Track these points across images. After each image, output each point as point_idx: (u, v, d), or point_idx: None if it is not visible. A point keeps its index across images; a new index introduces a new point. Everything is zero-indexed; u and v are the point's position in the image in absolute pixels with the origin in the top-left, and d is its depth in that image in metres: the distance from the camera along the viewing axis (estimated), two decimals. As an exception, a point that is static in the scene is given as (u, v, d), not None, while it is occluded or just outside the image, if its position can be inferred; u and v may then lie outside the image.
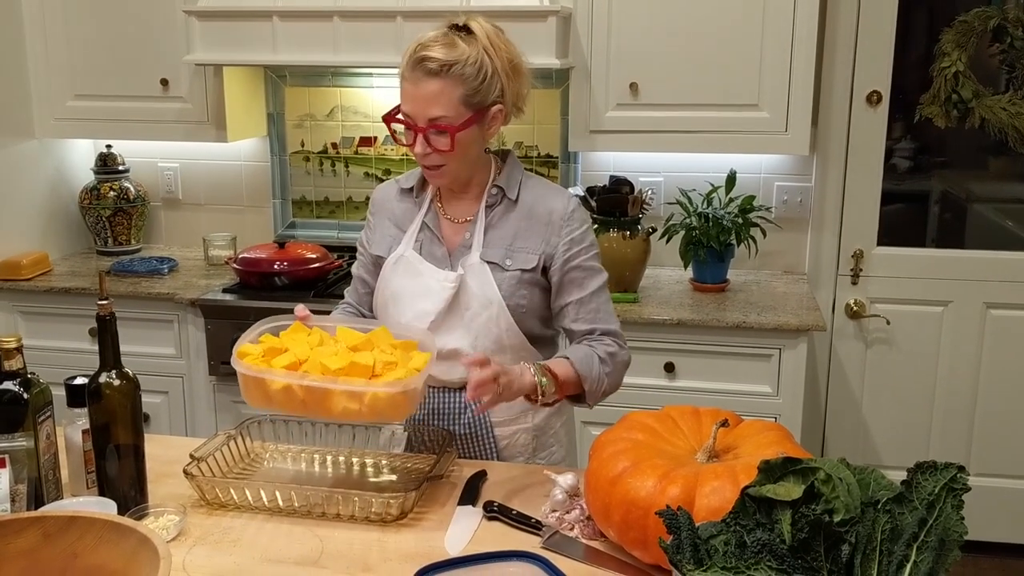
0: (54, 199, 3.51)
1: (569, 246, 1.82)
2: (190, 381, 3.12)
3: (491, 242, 1.84)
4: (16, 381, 1.55)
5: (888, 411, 3.30)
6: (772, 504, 1.14)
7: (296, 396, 1.59)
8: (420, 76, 1.71)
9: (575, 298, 1.84)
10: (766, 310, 2.84)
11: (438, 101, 1.71)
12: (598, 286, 1.85)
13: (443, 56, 1.70)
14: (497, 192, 1.85)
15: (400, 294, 1.87)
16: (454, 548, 1.52)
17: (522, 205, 1.85)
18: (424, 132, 1.74)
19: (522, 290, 1.82)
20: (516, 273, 1.82)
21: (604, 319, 1.85)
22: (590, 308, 1.84)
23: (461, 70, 1.70)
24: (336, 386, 1.57)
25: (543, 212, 1.83)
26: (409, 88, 1.74)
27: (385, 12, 2.89)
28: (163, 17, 3.19)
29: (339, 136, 3.49)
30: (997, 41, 3.10)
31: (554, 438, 1.95)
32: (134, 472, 1.61)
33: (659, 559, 1.38)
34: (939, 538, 1.10)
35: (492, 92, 1.75)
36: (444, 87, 1.71)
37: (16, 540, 1.25)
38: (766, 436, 1.50)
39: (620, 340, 1.87)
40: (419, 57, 1.71)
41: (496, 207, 1.85)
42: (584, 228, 1.85)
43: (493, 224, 1.85)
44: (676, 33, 2.92)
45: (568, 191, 1.91)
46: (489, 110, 1.77)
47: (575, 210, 1.85)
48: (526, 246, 1.83)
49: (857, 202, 3.20)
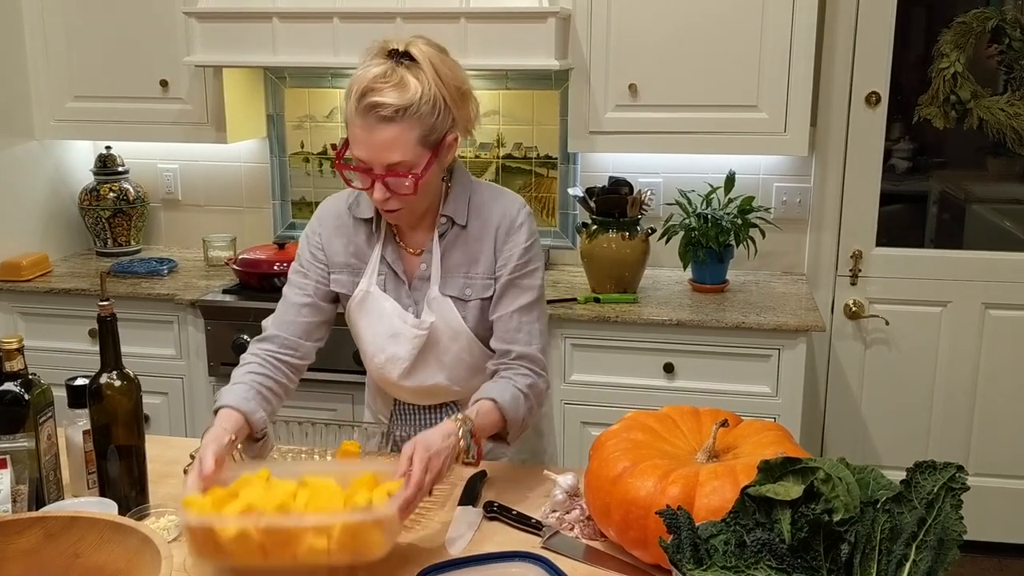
0: (54, 200, 3.51)
1: (505, 261, 1.76)
2: (190, 382, 3.12)
3: (448, 271, 1.78)
4: (17, 382, 1.55)
5: (887, 411, 3.30)
6: (772, 504, 1.14)
7: (252, 541, 1.33)
8: (373, 123, 1.61)
9: (499, 314, 1.77)
10: (765, 311, 2.85)
11: (395, 147, 1.62)
12: (523, 304, 1.76)
13: (396, 101, 1.59)
14: (447, 221, 1.78)
15: (369, 337, 1.82)
16: (455, 549, 1.52)
17: (471, 227, 1.78)
18: (382, 179, 1.65)
19: (485, 318, 1.79)
20: (477, 303, 1.78)
21: (523, 340, 1.75)
22: (509, 327, 1.76)
23: (416, 111, 1.61)
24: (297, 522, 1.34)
25: (490, 229, 1.77)
26: (361, 135, 1.63)
27: (384, 13, 2.89)
28: (163, 18, 3.19)
29: (339, 137, 3.49)
30: (995, 42, 3.11)
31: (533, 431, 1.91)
32: (135, 472, 1.61)
33: (659, 559, 1.38)
34: (938, 537, 1.10)
35: (446, 124, 1.66)
36: (400, 132, 1.61)
37: (18, 540, 1.26)
38: (766, 436, 1.50)
39: (537, 367, 1.76)
40: (370, 104, 1.60)
41: (447, 234, 1.78)
42: (524, 244, 1.77)
43: (447, 252, 1.78)
44: (675, 34, 2.92)
45: (512, 199, 1.81)
46: (444, 141, 1.68)
47: (514, 224, 1.77)
48: (480, 271, 1.77)
49: (856, 203, 3.21)
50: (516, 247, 1.77)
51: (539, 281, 1.80)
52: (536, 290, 1.79)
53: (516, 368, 1.75)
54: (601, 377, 2.84)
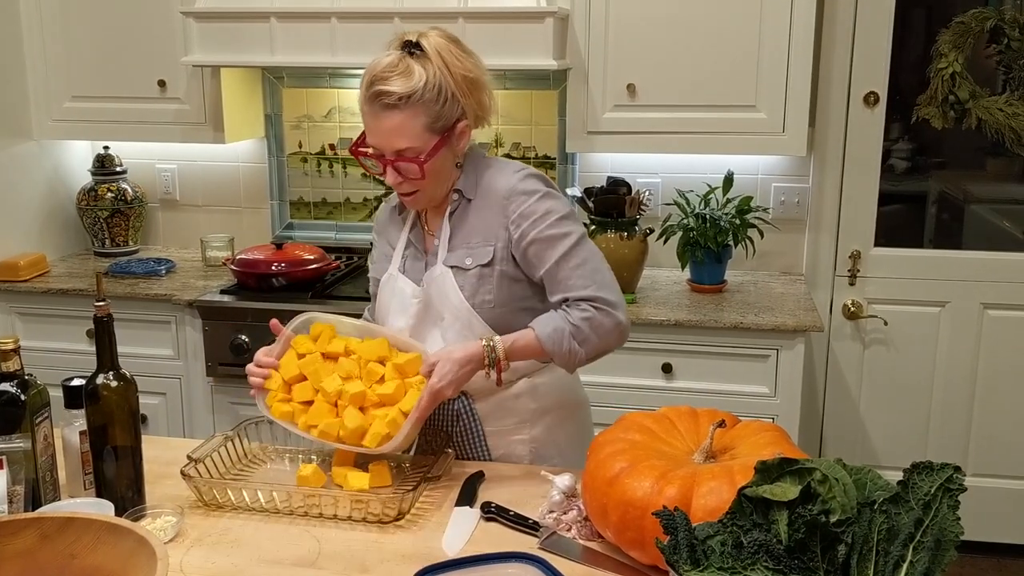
0: (52, 200, 3.51)
1: (518, 222, 1.76)
2: (188, 382, 3.11)
3: (455, 245, 1.81)
4: (13, 382, 1.55)
5: (885, 411, 3.30)
6: (769, 504, 1.14)
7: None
8: (379, 110, 1.69)
9: (542, 272, 1.77)
10: (763, 311, 2.84)
11: (402, 133, 1.69)
12: (561, 254, 1.75)
13: (400, 89, 1.66)
14: (458, 197, 1.82)
15: (384, 313, 1.90)
16: (452, 549, 1.52)
17: (476, 199, 1.81)
18: (393, 163, 1.73)
19: (486, 285, 1.79)
20: (476, 270, 1.79)
21: (578, 285, 1.74)
22: (557, 279, 1.76)
23: (420, 98, 1.67)
24: (340, 446, 1.72)
25: (493, 198, 1.79)
26: (370, 122, 1.72)
27: (382, 13, 2.89)
28: (160, 18, 3.19)
29: (337, 137, 3.49)
30: (994, 42, 3.11)
31: (555, 449, 1.91)
32: (132, 473, 1.61)
33: (656, 560, 1.38)
34: (935, 538, 1.10)
35: (455, 112, 1.72)
36: (405, 119, 1.68)
37: (14, 541, 1.25)
38: (763, 437, 1.50)
39: (599, 303, 1.74)
40: (376, 92, 1.68)
41: (457, 209, 1.82)
42: (534, 199, 1.76)
43: (456, 226, 1.82)
44: (673, 34, 2.92)
45: (515, 167, 1.83)
46: (455, 128, 1.74)
47: (519, 183, 1.78)
48: (483, 239, 1.79)
49: (854, 203, 3.21)
50: (524, 204, 1.76)
51: (569, 228, 1.77)
52: (571, 237, 1.76)
53: (576, 305, 1.75)
54: (599, 377, 2.84)
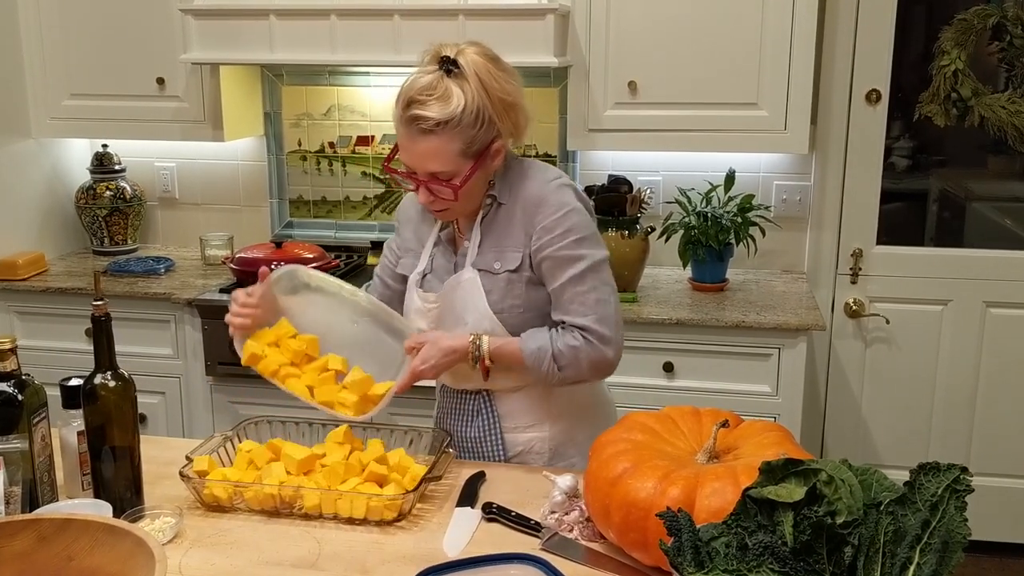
0: (50, 199, 3.50)
1: (540, 235, 1.74)
2: (187, 382, 3.10)
3: (485, 248, 1.80)
4: (10, 382, 1.54)
5: (887, 410, 3.29)
6: (774, 506, 1.13)
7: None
8: (415, 134, 1.66)
9: (550, 288, 1.77)
10: (765, 309, 2.83)
11: (437, 158, 1.68)
12: (570, 276, 1.74)
13: (437, 115, 1.64)
14: (491, 201, 1.80)
15: (408, 313, 1.89)
16: (453, 550, 1.52)
17: (507, 203, 1.79)
18: (427, 184, 1.72)
19: (514, 291, 1.78)
20: (505, 275, 1.78)
21: (577, 312, 1.74)
22: (562, 299, 1.76)
23: (458, 123, 1.65)
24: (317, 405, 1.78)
25: (524, 204, 1.76)
26: (405, 143, 1.70)
27: (382, 10, 2.87)
28: (159, 16, 3.18)
29: (336, 135, 3.47)
30: (996, 39, 3.10)
31: (575, 448, 1.89)
32: (130, 474, 1.60)
33: (659, 561, 1.37)
34: (942, 540, 1.09)
35: (491, 134, 1.70)
36: (441, 144, 1.66)
37: (11, 543, 1.24)
38: (767, 436, 1.49)
39: (590, 335, 1.73)
40: (412, 116, 1.65)
41: (489, 213, 1.81)
42: (560, 213, 1.73)
43: (487, 230, 1.80)
44: (675, 31, 2.91)
45: (546, 173, 1.80)
46: (489, 150, 1.72)
47: (550, 194, 1.75)
48: (513, 244, 1.78)
49: (856, 201, 3.20)
50: (548, 217, 1.74)
51: (586, 250, 1.75)
52: (584, 261, 1.74)
53: (569, 330, 1.75)
54: (600, 376, 2.83)
